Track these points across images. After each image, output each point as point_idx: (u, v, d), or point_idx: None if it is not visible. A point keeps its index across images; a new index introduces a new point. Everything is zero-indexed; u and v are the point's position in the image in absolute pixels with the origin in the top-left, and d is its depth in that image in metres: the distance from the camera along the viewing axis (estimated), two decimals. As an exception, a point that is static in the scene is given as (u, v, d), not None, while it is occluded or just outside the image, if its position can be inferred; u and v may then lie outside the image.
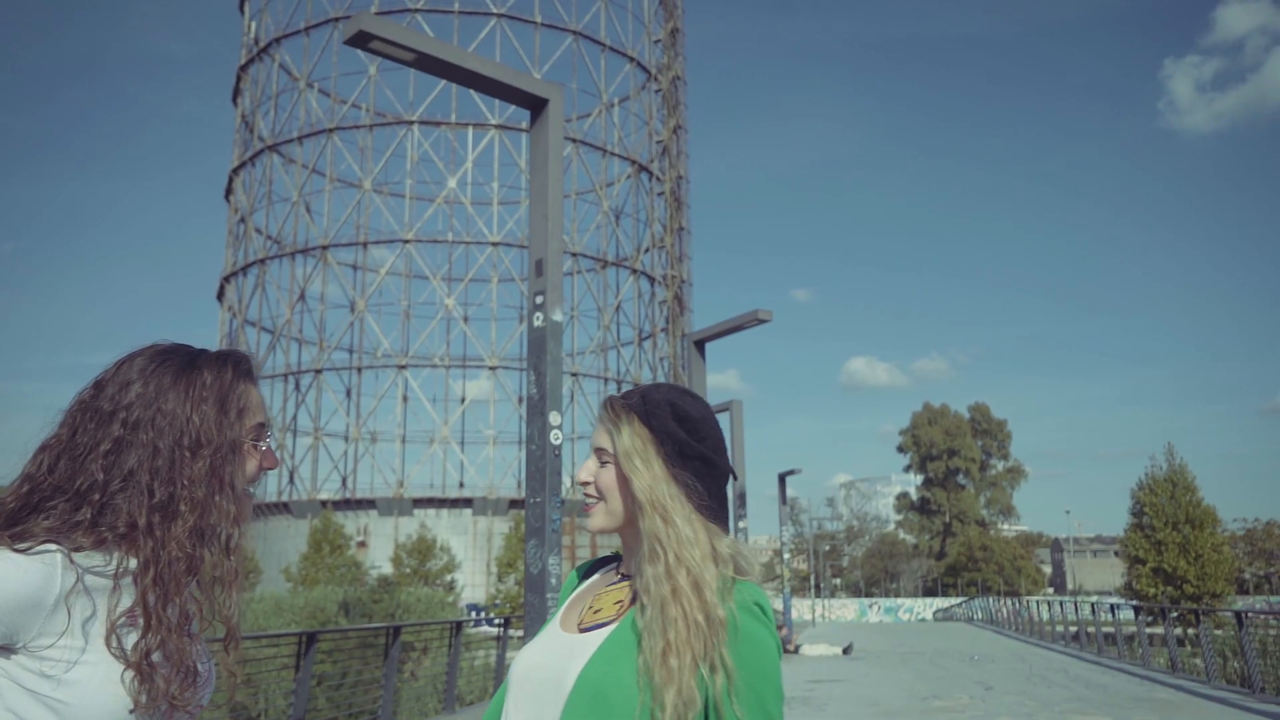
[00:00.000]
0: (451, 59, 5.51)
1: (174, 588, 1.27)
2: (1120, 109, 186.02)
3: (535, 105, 5.89)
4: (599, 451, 1.48)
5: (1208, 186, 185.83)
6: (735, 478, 1.50)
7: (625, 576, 1.48)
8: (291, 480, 61.11)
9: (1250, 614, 15.80)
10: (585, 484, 1.48)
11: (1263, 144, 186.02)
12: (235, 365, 1.39)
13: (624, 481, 1.43)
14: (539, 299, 5.47)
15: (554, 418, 5.31)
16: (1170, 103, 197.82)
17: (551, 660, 1.39)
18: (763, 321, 10.11)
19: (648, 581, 1.35)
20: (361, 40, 5.19)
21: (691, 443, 1.43)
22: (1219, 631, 21.04)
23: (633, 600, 1.41)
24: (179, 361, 1.35)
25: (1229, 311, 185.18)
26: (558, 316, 5.47)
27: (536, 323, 5.49)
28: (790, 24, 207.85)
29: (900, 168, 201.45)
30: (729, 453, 1.50)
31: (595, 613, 1.44)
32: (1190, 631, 24.86)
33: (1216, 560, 36.16)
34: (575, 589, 1.56)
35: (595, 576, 1.56)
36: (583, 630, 1.41)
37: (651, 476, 1.40)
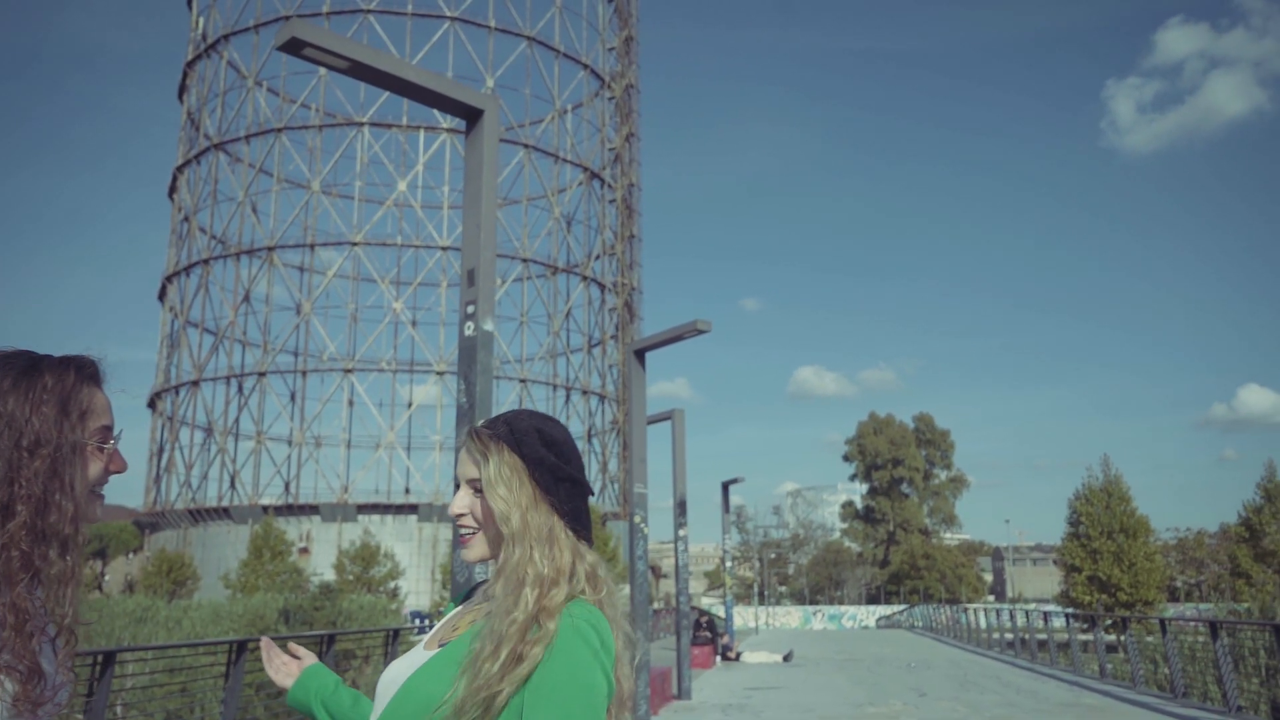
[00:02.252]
0: (387, 68, 5.51)
1: (5, 585, 1.27)
2: (1064, 127, 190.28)
3: (471, 115, 5.91)
4: (472, 482, 1.51)
5: (1146, 206, 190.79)
6: (593, 494, 1.57)
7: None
8: (233, 485, 60.07)
9: (1174, 621, 16.27)
10: (460, 516, 1.51)
11: (1199, 164, 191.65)
12: (79, 369, 1.40)
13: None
14: (470, 308, 5.50)
15: (483, 427, 5.33)
16: (1112, 122, 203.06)
17: (399, 674, 1.44)
18: (701, 332, 10.22)
19: (498, 599, 1.41)
20: (294, 47, 5.17)
21: (562, 465, 1.48)
22: (1150, 638, 21.62)
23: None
24: (20, 365, 1.36)
25: (1165, 327, 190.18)
26: (489, 326, 5.50)
27: (468, 332, 5.52)
28: (744, 34, 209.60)
29: (850, 180, 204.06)
30: (586, 470, 1.56)
31: (454, 630, 1.49)
32: (1122, 638, 25.52)
33: (1149, 569, 37.06)
34: (453, 609, 1.62)
35: (470, 599, 1.61)
36: (440, 645, 1.47)
37: (515, 503, 1.44)
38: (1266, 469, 39.65)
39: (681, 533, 13.48)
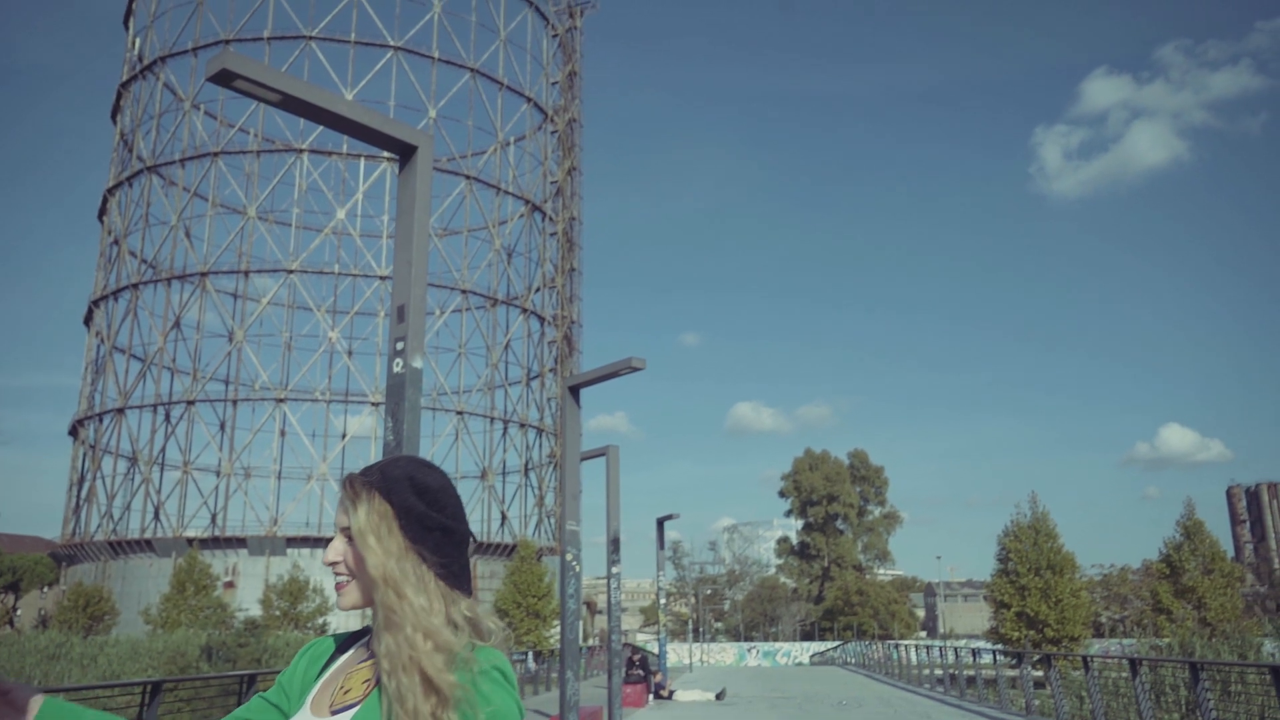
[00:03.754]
0: (319, 102, 5.48)
1: None
2: (995, 171, 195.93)
3: (405, 151, 5.90)
4: (345, 530, 1.49)
5: (1072, 250, 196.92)
6: (475, 540, 1.57)
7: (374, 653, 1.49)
8: (156, 516, 58.28)
9: (1095, 658, 16.58)
10: (334, 564, 1.49)
11: (1122, 210, 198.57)
12: None
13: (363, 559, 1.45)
14: (400, 345, 5.45)
15: (410, 465, 5.25)
16: (1041, 168, 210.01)
17: None
18: (636, 369, 10.26)
19: (385, 652, 1.38)
20: (225, 78, 5.11)
21: (431, 514, 1.46)
22: (1075, 673, 21.98)
23: (379, 678, 1.43)
24: None
25: (1090, 367, 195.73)
26: (418, 363, 5.46)
27: (396, 369, 5.46)
28: (686, 73, 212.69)
29: (788, 218, 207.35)
30: (466, 520, 1.54)
31: (345, 693, 1.46)
32: (1048, 674, 25.91)
33: (1075, 605, 37.70)
34: (326, 658, 1.57)
35: (349, 653, 1.56)
36: (333, 712, 1.43)
37: (384, 552, 1.42)
38: (1186, 507, 40.66)
39: (615, 570, 13.42)
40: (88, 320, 64.64)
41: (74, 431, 62.87)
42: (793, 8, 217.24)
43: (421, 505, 1.45)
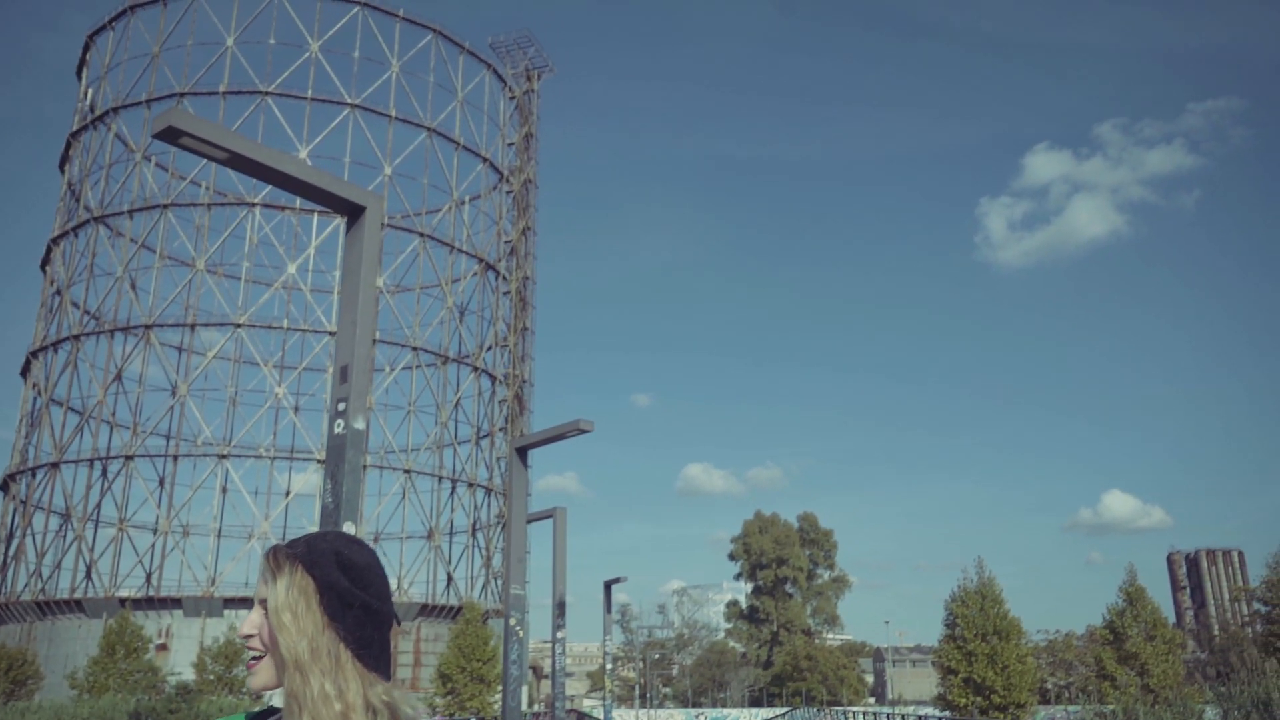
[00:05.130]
0: (267, 161, 5.47)
1: None
2: (941, 239, 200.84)
3: (353, 212, 5.89)
4: (263, 603, 1.45)
5: (1017, 317, 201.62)
6: (399, 622, 1.53)
7: None
8: (88, 575, 56.31)
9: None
10: (248, 637, 1.45)
11: (1065, 280, 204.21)
12: None
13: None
14: (341, 405, 5.39)
15: (349, 529, 5.17)
16: (986, 237, 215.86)
17: None
18: (584, 431, 10.25)
19: None
20: (171, 135, 5.09)
21: (354, 591, 1.43)
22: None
23: None
24: None
25: (1035, 434, 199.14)
26: (360, 425, 5.39)
27: (338, 429, 5.39)
28: (639, 139, 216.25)
29: (740, 281, 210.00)
30: (391, 596, 1.51)
31: None
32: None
33: (1021, 671, 37.74)
34: None
35: None
36: None
37: (299, 632, 1.38)
38: (1128, 573, 41.13)
39: (560, 635, 13.19)
40: (25, 371, 63.02)
41: (5, 486, 60.84)
42: (747, 74, 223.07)
43: (345, 581, 1.42)
